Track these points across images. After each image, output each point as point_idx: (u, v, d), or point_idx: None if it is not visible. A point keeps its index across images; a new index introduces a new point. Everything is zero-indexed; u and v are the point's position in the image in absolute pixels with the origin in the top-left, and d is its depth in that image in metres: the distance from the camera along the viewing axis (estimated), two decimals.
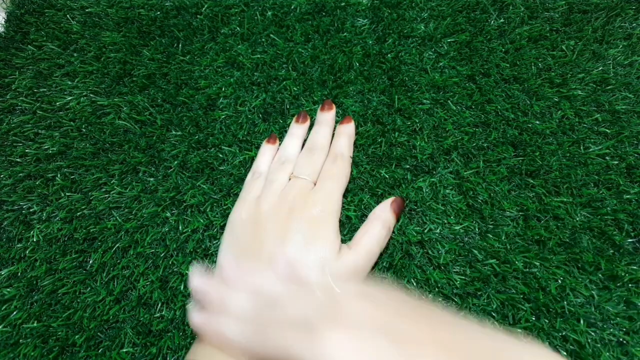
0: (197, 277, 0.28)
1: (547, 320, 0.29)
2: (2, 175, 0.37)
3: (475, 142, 0.35)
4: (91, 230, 0.34)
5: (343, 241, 0.30)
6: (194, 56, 0.41)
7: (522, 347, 0.20)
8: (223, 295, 0.26)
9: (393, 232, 0.32)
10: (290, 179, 0.32)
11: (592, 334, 0.28)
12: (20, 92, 0.40)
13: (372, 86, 0.38)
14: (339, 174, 0.32)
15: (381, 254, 0.31)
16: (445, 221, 0.32)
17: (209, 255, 0.32)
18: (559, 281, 0.30)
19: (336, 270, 0.26)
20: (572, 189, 0.33)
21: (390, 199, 0.32)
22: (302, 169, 0.32)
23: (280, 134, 0.37)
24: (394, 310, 0.21)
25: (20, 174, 0.36)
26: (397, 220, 0.32)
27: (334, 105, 0.37)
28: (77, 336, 0.30)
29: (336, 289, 0.23)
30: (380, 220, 0.30)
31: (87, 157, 0.37)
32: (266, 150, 0.35)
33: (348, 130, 0.35)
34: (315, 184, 0.32)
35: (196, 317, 0.27)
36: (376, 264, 0.31)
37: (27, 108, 0.40)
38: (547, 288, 0.29)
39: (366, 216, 0.32)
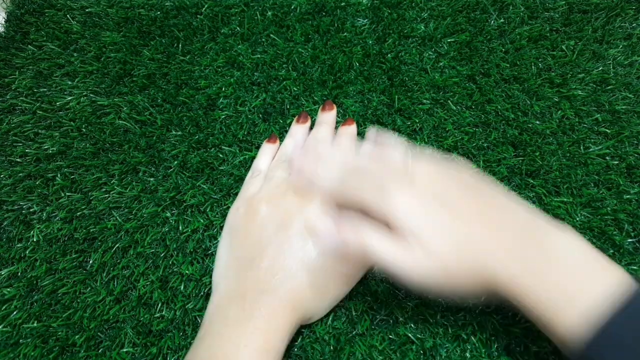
0: (298, 131, 0.36)
1: None
2: (2, 175, 0.37)
3: (475, 142, 0.35)
4: (91, 230, 0.34)
5: None
6: (194, 56, 0.41)
7: (551, 226, 0.24)
8: (321, 148, 0.33)
9: None
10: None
11: None
12: (20, 92, 0.40)
13: (372, 86, 0.38)
14: None
15: None
16: None
17: (209, 255, 0.32)
18: None
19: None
20: (572, 189, 0.33)
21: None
22: None
23: (280, 134, 0.37)
24: (453, 187, 0.26)
25: (20, 174, 0.36)
26: None
27: (334, 106, 0.37)
28: (77, 336, 0.30)
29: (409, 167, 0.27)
30: None
31: (87, 157, 0.37)
32: (266, 150, 0.35)
33: (350, 131, 0.35)
34: None
35: (296, 161, 0.32)
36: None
37: (27, 108, 0.40)
38: None
39: None
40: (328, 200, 0.29)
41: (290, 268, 0.27)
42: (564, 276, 0.22)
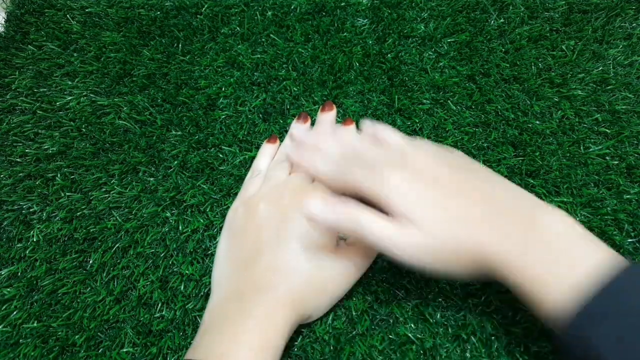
0: (298, 128, 0.35)
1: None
2: (2, 175, 0.37)
3: (475, 142, 0.35)
4: (91, 230, 0.34)
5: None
6: (194, 56, 0.41)
7: (542, 206, 0.25)
8: (318, 140, 0.32)
9: None
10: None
11: None
12: (20, 92, 0.40)
13: (372, 86, 0.38)
14: None
15: (380, 254, 0.31)
16: None
17: (209, 255, 0.32)
18: None
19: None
20: (572, 189, 0.33)
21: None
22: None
23: (280, 134, 0.37)
24: (445, 168, 0.27)
25: (20, 174, 0.36)
26: None
27: (334, 106, 0.37)
28: (77, 336, 0.30)
29: (407, 147, 0.28)
30: None
31: (87, 157, 0.37)
32: (266, 150, 0.35)
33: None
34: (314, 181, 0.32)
35: (295, 153, 0.33)
36: (374, 263, 0.31)
37: (27, 108, 0.40)
38: None
39: None
40: (325, 188, 0.30)
41: (289, 267, 0.27)
42: (553, 254, 0.22)
